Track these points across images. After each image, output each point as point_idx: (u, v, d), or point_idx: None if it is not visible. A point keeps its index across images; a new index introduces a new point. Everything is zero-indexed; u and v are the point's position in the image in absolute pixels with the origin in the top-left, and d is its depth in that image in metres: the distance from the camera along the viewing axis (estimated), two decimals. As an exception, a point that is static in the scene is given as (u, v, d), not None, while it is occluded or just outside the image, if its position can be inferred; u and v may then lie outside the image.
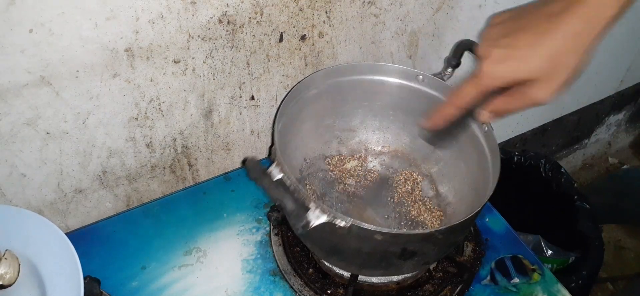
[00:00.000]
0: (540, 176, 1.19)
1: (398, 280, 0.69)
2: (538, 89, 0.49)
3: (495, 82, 0.51)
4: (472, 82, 0.52)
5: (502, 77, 0.50)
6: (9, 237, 0.60)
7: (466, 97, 0.54)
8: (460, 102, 0.54)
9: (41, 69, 0.57)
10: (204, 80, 0.70)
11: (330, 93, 0.73)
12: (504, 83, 0.50)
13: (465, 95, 0.53)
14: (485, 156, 0.66)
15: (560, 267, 1.08)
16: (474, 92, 0.53)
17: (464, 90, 0.53)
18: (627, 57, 1.35)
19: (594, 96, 1.41)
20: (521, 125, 1.30)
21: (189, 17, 0.62)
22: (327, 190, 0.77)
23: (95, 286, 0.61)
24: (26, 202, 0.69)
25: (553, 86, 0.48)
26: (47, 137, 0.64)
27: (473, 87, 0.52)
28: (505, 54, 0.49)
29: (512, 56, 0.49)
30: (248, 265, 0.71)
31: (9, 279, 0.57)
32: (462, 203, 0.73)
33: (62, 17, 0.54)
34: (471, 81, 0.52)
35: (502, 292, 0.71)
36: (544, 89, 0.49)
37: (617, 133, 1.75)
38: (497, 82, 0.50)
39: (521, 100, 0.51)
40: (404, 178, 0.79)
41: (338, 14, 0.74)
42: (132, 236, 0.73)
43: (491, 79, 0.50)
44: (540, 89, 0.49)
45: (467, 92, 0.53)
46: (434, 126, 0.58)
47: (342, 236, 0.55)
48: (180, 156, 0.78)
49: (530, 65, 0.48)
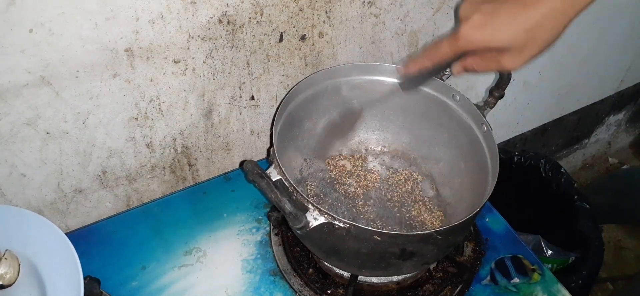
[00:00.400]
0: (540, 176, 1.19)
1: (398, 280, 0.69)
2: (509, 58, 0.52)
3: (470, 45, 0.53)
4: (449, 41, 0.54)
5: (477, 42, 0.52)
6: (9, 237, 0.60)
7: (441, 54, 0.56)
8: (435, 58, 0.58)
9: (41, 69, 0.57)
10: (204, 80, 0.70)
11: (330, 93, 0.73)
12: (479, 48, 0.53)
13: (441, 52, 0.56)
14: (484, 156, 0.66)
15: (560, 267, 1.08)
16: (449, 51, 0.55)
17: (441, 47, 0.56)
18: (627, 57, 1.35)
19: (594, 96, 1.41)
20: (521, 125, 1.30)
21: (189, 17, 0.62)
22: (327, 190, 0.77)
23: (95, 286, 0.61)
24: (26, 202, 0.69)
25: (524, 57, 0.51)
26: (47, 137, 0.64)
27: (449, 46, 0.55)
28: (485, 21, 0.51)
29: (490, 23, 0.50)
30: (248, 265, 0.71)
31: (9, 279, 0.57)
32: (462, 203, 0.73)
33: (62, 17, 0.54)
34: (449, 40, 0.54)
35: (502, 292, 0.71)
36: (514, 59, 0.51)
37: (617, 133, 1.75)
38: (472, 46, 0.53)
39: (491, 64, 0.54)
40: (404, 178, 0.79)
41: (338, 14, 0.74)
42: (132, 236, 0.73)
43: (467, 42, 0.53)
44: (511, 58, 0.51)
45: (443, 49, 0.56)
46: (407, 71, 0.62)
47: (341, 237, 0.55)
48: (180, 156, 0.78)
49: (506, 35, 0.50)
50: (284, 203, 0.52)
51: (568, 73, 1.22)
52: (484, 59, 0.55)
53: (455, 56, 0.56)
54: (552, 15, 0.48)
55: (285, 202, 0.52)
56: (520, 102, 1.20)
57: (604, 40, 1.19)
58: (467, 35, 0.52)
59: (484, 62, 0.55)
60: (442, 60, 0.57)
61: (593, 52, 1.20)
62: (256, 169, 0.54)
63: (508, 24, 0.50)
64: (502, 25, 0.50)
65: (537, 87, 1.18)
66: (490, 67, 0.55)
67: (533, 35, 0.49)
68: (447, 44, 0.55)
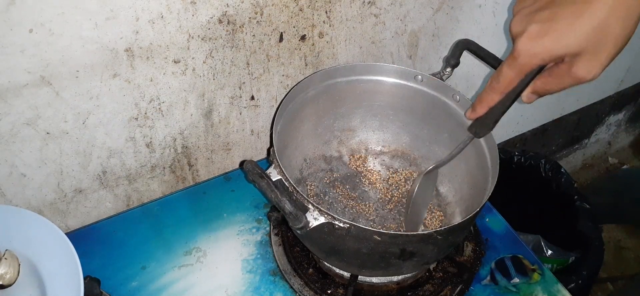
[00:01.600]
0: (540, 176, 1.19)
1: (398, 280, 0.69)
2: (582, 65, 0.44)
3: (533, 60, 0.46)
4: (508, 63, 0.48)
5: (540, 54, 0.45)
6: (9, 237, 0.60)
7: (505, 80, 0.49)
8: (500, 88, 0.50)
9: (41, 69, 0.57)
10: (204, 80, 0.70)
11: (330, 93, 0.73)
12: (544, 61, 0.46)
13: (505, 78, 0.49)
14: (485, 156, 0.66)
15: (560, 267, 1.08)
16: (513, 74, 0.48)
17: (502, 74, 0.49)
18: (627, 57, 1.35)
19: (594, 96, 1.41)
20: (521, 125, 1.30)
21: (189, 17, 0.62)
22: (327, 190, 0.77)
23: (95, 286, 0.61)
24: (26, 202, 0.69)
25: (599, 61, 0.44)
26: (47, 137, 0.64)
27: (510, 68, 0.48)
28: (543, 29, 0.44)
29: (550, 30, 0.44)
30: (248, 265, 0.71)
31: (9, 279, 0.57)
32: (461, 203, 0.73)
33: (62, 17, 0.54)
34: (508, 62, 0.48)
35: (502, 292, 0.71)
36: (589, 65, 0.44)
37: (617, 133, 1.75)
38: (536, 60, 0.46)
39: (564, 78, 0.46)
40: (404, 178, 0.79)
41: (338, 14, 0.74)
42: (132, 236, 0.73)
43: (528, 58, 0.46)
44: (585, 64, 0.44)
45: (505, 74, 0.49)
46: (477, 114, 0.55)
47: (341, 237, 0.55)
48: (180, 156, 0.78)
49: (572, 38, 0.43)
50: (284, 203, 0.52)
51: (568, 73, 1.22)
52: (554, 75, 0.47)
53: (520, 77, 0.48)
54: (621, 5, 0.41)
55: (285, 202, 0.52)
56: (520, 102, 1.20)
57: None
58: (526, 50, 0.45)
59: (555, 79, 0.47)
60: (508, 87, 0.50)
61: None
62: (256, 169, 0.54)
63: (572, 25, 0.43)
64: (566, 29, 0.43)
65: (537, 87, 1.18)
66: (565, 82, 0.46)
67: (605, 32, 0.42)
68: (507, 67, 0.48)
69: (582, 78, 0.45)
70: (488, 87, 0.52)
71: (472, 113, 0.55)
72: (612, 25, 0.42)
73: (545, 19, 0.44)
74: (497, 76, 0.50)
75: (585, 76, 0.45)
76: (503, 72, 0.49)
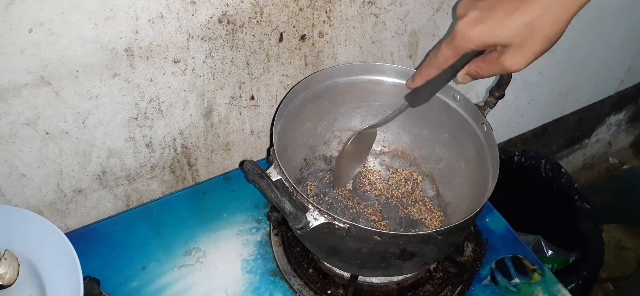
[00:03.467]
0: (541, 176, 1.19)
1: (398, 280, 0.69)
2: (509, 56, 0.48)
3: (467, 44, 0.50)
4: (447, 42, 0.52)
5: (474, 40, 0.49)
6: (9, 237, 0.60)
7: (442, 57, 0.53)
8: (438, 63, 0.54)
9: (41, 69, 0.57)
10: (203, 80, 0.70)
11: (330, 93, 0.73)
12: (477, 46, 0.50)
13: (442, 55, 0.53)
14: (485, 156, 0.66)
15: (561, 267, 1.08)
16: (449, 53, 0.52)
17: (440, 51, 0.53)
18: (627, 57, 1.35)
19: (594, 96, 1.41)
20: (521, 125, 1.30)
21: (189, 17, 0.62)
22: (327, 190, 0.77)
23: (95, 286, 0.61)
24: (26, 202, 0.69)
25: (526, 55, 0.48)
26: (47, 137, 0.64)
27: (447, 47, 0.52)
28: (482, 16, 0.48)
29: (487, 19, 0.47)
30: (248, 265, 0.71)
31: (8, 279, 0.57)
32: (462, 203, 0.73)
33: (61, 17, 0.54)
34: (446, 41, 0.52)
35: (502, 292, 0.71)
36: (515, 57, 0.48)
37: (618, 133, 1.75)
38: (470, 44, 0.50)
39: (493, 66, 0.50)
40: (404, 178, 0.79)
41: (338, 14, 0.74)
42: (132, 236, 0.73)
43: (464, 41, 0.50)
44: (512, 56, 0.48)
45: (443, 52, 0.53)
46: (415, 84, 0.59)
47: (341, 237, 0.55)
48: (180, 156, 0.78)
49: (504, 30, 0.47)
50: (284, 203, 0.52)
51: (568, 73, 1.22)
52: (486, 61, 0.51)
53: (456, 58, 0.52)
54: (553, 8, 0.45)
55: (285, 202, 0.52)
56: (521, 102, 1.20)
57: (604, 40, 1.19)
58: (463, 33, 0.49)
59: (486, 65, 0.51)
60: (445, 64, 0.54)
61: (593, 52, 1.20)
62: (256, 169, 0.54)
63: (506, 18, 0.46)
64: (500, 20, 0.47)
65: (538, 87, 1.18)
66: (494, 69, 0.51)
67: (533, 29, 0.46)
68: (445, 45, 0.52)
69: (508, 68, 0.49)
70: (427, 61, 0.56)
71: (411, 83, 0.60)
72: (542, 25, 0.46)
73: (485, 7, 0.48)
74: (436, 53, 0.54)
75: (511, 66, 0.49)
76: (441, 50, 0.53)
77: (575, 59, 1.18)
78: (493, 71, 0.51)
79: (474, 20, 0.48)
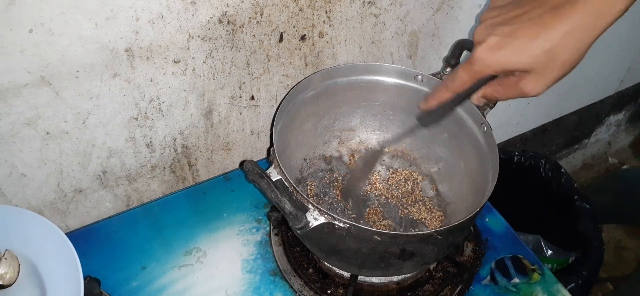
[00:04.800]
0: (540, 176, 1.19)
1: (398, 280, 0.69)
2: (529, 82, 0.48)
3: (487, 69, 0.50)
4: (465, 67, 0.51)
5: (494, 65, 0.49)
6: (9, 237, 0.60)
7: (459, 81, 0.53)
8: (454, 87, 0.54)
9: (41, 69, 0.57)
10: (204, 80, 0.70)
11: (330, 93, 0.73)
12: (496, 71, 0.50)
13: (459, 80, 0.53)
14: (485, 156, 0.66)
15: (560, 267, 1.08)
16: (466, 78, 0.52)
17: (457, 75, 0.53)
18: (627, 57, 1.35)
19: (594, 96, 1.41)
20: (521, 125, 1.30)
21: (189, 17, 0.62)
22: (327, 190, 0.77)
23: (95, 286, 0.61)
24: (26, 202, 0.69)
25: (545, 81, 0.47)
26: (47, 137, 0.64)
27: (465, 72, 0.52)
28: (501, 43, 0.47)
29: (507, 45, 0.47)
30: (248, 265, 0.71)
31: (9, 279, 0.57)
32: (462, 203, 0.73)
33: (62, 17, 0.54)
34: (465, 65, 0.52)
35: (502, 292, 0.71)
36: (534, 83, 0.48)
37: (617, 133, 1.75)
38: (489, 70, 0.49)
39: (511, 90, 0.50)
40: (404, 178, 0.79)
41: (338, 14, 0.74)
42: (132, 236, 0.73)
43: (483, 67, 0.49)
44: (532, 82, 0.48)
45: (460, 77, 0.53)
46: (428, 107, 0.58)
47: (341, 237, 0.55)
48: (180, 156, 0.78)
49: (524, 57, 0.46)
50: (284, 203, 0.52)
51: (568, 73, 1.22)
52: (503, 85, 0.51)
53: (472, 82, 0.52)
54: (574, 35, 0.45)
55: (285, 202, 0.52)
56: (520, 102, 1.20)
57: (604, 40, 1.18)
58: (482, 59, 0.49)
59: (503, 88, 0.51)
60: (461, 88, 0.53)
61: (593, 52, 1.18)
62: (256, 169, 0.54)
63: (527, 45, 0.46)
64: (521, 47, 0.46)
65: (537, 87, 1.18)
66: (511, 93, 0.50)
67: (554, 56, 0.45)
68: (463, 70, 0.52)
69: (527, 93, 0.49)
70: (443, 84, 0.56)
71: (425, 105, 0.59)
72: (563, 51, 0.45)
73: (505, 33, 0.47)
74: (452, 77, 0.53)
75: (530, 92, 0.48)
76: (459, 74, 0.52)
77: (575, 59, 1.18)
78: (510, 95, 0.51)
79: (494, 46, 0.48)
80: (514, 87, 0.49)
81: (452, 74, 0.54)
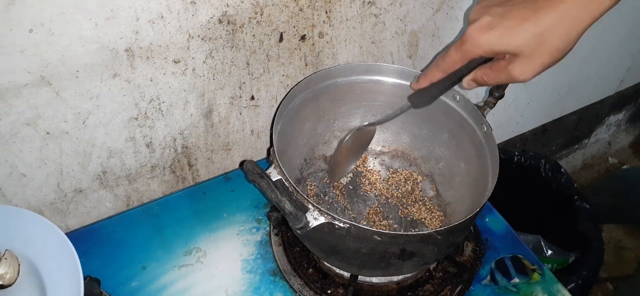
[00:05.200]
0: (540, 176, 1.19)
1: (398, 280, 0.69)
2: (517, 66, 0.48)
3: (476, 49, 0.49)
4: (456, 46, 0.51)
5: (483, 45, 0.48)
6: (9, 237, 0.60)
7: (450, 61, 0.52)
8: (445, 66, 0.53)
9: (41, 69, 0.57)
10: (204, 80, 0.70)
11: (330, 93, 0.73)
12: (486, 52, 0.49)
13: (449, 59, 0.52)
14: (485, 156, 0.66)
15: (560, 267, 1.08)
16: (457, 57, 0.51)
17: (448, 54, 0.52)
18: (627, 57, 1.35)
19: (594, 96, 1.41)
20: (521, 125, 1.30)
21: (189, 17, 0.62)
22: (327, 190, 0.77)
23: (95, 286, 0.61)
24: (26, 202, 0.69)
25: (534, 66, 0.47)
26: (47, 137, 0.64)
27: (456, 51, 0.51)
28: (492, 23, 0.47)
29: (498, 26, 0.47)
30: (248, 265, 0.71)
31: (9, 279, 0.57)
32: (462, 203, 0.73)
33: (62, 17, 0.54)
34: (456, 45, 0.51)
35: (502, 292, 0.71)
36: (523, 67, 0.47)
37: (617, 133, 1.75)
38: (479, 50, 0.49)
39: (500, 74, 0.50)
40: (404, 178, 0.79)
41: (338, 14, 0.74)
42: (132, 236, 0.73)
43: (473, 46, 0.49)
44: (520, 66, 0.47)
45: (451, 56, 0.52)
46: (420, 86, 0.58)
47: (341, 237, 0.55)
48: (180, 156, 0.78)
49: (514, 39, 0.46)
50: (284, 203, 0.52)
51: (568, 73, 1.22)
52: (493, 68, 0.50)
53: (463, 62, 0.52)
54: (565, 21, 0.45)
55: (285, 202, 0.52)
56: (520, 102, 1.20)
57: (604, 40, 1.19)
58: (473, 38, 0.48)
59: (493, 72, 0.51)
60: (451, 68, 0.53)
61: (593, 52, 1.20)
62: (256, 169, 0.54)
63: (517, 27, 0.46)
64: (511, 29, 0.46)
65: (537, 87, 1.18)
66: (501, 77, 0.50)
67: (543, 40, 0.46)
68: (454, 49, 0.51)
69: (515, 77, 0.48)
70: (434, 64, 0.55)
71: (416, 84, 0.58)
72: (553, 36, 0.45)
73: (497, 14, 0.47)
74: (443, 56, 0.53)
75: (518, 76, 0.48)
76: (449, 54, 0.52)
77: (575, 59, 1.18)
78: (499, 79, 0.51)
79: (485, 26, 0.48)
80: (503, 70, 0.49)
81: (443, 54, 0.53)
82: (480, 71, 0.52)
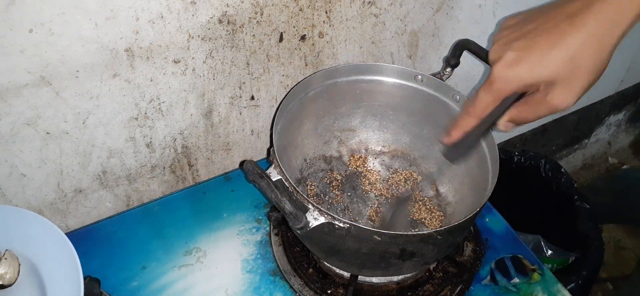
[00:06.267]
0: (540, 176, 1.19)
1: (398, 280, 0.69)
2: (556, 94, 0.45)
3: (508, 86, 0.46)
4: (484, 88, 0.48)
5: (515, 81, 0.46)
6: (9, 237, 0.60)
7: (481, 105, 0.49)
8: (476, 112, 0.50)
9: (41, 69, 0.57)
10: (204, 80, 0.70)
11: (330, 93, 0.73)
12: (519, 87, 0.47)
13: (480, 103, 0.49)
14: (485, 156, 0.66)
15: (560, 267, 1.08)
16: (489, 99, 0.48)
17: (478, 99, 0.49)
18: (627, 57, 1.35)
19: (594, 96, 1.41)
20: (521, 125, 1.30)
21: (189, 17, 0.62)
22: (327, 190, 0.77)
23: (95, 286, 0.61)
24: (26, 202, 0.69)
25: (574, 90, 0.45)
26: (47, 137, 0.64)
27: (486, 93, 0.48)
28: (518, 57, 0.45)
29: (525, 59, 0.45)
30: (248, 265, 0.71)
31: (9, 279, 0.57)
32: (462, 203, 0.73)
33: (62, 17, 0.54)
34: (484, 87, 0.48)
35: (502, 292, 0.71)
36: (562, 94, 0.45)
37: (617, 133, 1.75)
38: (511, 86, 0.46)
39: (539, 107, 0.47)
40: (404, 178, 0.79)
41: (338, 14, 0.74)
42: (132, 236, 0.73)
43: (504, 83, 0.46)
44: (559, 93, 0.45)
45: (481, 99, 0.49)
46: (453, 139, 0.54)
47: (341, 237, 0.55)
48: (180, 156, 0.78)
49: (545, 68, 0.44)
50: (284, 203, 0.52)
51: (568, 73, 1.22)
52: (529, 103, 0.47)
53: (496, 102, 0.48)
54: (593, 40, 0.43)
55: (285, 202, 0.52)
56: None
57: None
58: (502, 75, 0.46)
59: (530, 107, 0.47)
60: (484, 111, 0.49)
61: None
62: (256, 169, 0.54)
63: (546, 56, 0.44)
64: (540, 58, 0.44)
65: (537, 87, 1.18)
66: (540, 110, 0.47)
67: (576, 64, 0.43)
68: (483, 92, 0.48)
69: (556, 107, 0.46)
70: (464, 112, 0.52)
71: (448, 138, 0.54)
72: (584, 57, 0.44)
73: (521, 47, 0.45)
74: (472, 101, 0.50)
75: (559, 104, 0.46)
76: (479, 97, 0.49)
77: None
78: (539, 112, 0.47)
79: (511, 62, 0.46)
80: (541, 103, 0.46)
81: (471, 99, 0.50)
82: (515, 110, 0.49)
